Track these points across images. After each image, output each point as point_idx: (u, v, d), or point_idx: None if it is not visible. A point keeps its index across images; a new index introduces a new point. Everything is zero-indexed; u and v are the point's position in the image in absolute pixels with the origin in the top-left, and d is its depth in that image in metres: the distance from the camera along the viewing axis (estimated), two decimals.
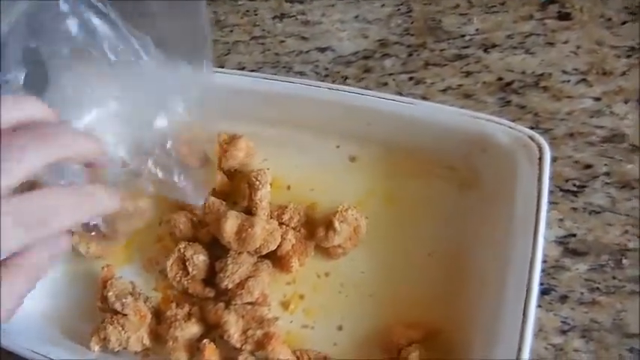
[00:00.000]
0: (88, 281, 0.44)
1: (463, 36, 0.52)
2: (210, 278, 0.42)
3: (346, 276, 0.42)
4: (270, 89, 0.45)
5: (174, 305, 0.41)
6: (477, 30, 0.52)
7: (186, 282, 0.41)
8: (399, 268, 0.41)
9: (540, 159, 0.37)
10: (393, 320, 0.39)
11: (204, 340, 0.38)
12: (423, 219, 0.43)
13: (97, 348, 0.40)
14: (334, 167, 0.46)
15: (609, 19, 0.48)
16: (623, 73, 0.46)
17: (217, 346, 0.38)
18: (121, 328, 0.39)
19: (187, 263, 0.41)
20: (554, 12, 0.50)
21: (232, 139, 0.46)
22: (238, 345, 0.38)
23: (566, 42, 0.49)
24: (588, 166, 0.43)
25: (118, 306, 0.39)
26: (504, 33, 0.51)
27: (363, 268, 0.42)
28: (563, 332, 0.39)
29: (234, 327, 0.38)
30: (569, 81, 0.47)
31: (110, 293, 0.40)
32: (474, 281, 0.38)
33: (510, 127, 0.39)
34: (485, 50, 0.51)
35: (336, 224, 0.40)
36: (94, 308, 0.42)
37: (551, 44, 0.49)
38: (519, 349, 0.31)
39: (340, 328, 0.40)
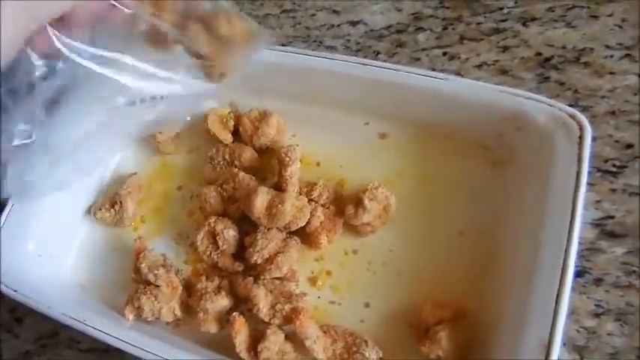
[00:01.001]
0: (122, 253, 0.46)
1: (501, 9, 0.50)
2: (240, 253, 0.42)
3: (374, 253, 0.42)
4: (299, 64, 0.45)
5: (204, 278, 0.41)
6: (515, 2, 0.50)
7: (215, 256, 0.42)
8: (428, 246, 0.41)
9: (581, 138, 0.35)
10: (421, 298, 0.39)
11: (234, 313, 0.39)
12: (454, 197, 0.42)
13: (131, 317, 0.41)
14: (363, 144, 0.45)
15: None
16: None
17: (246, 319, 0.39)
18: (154, 299, 0.40)
19: (217, 237, 0.41)
20: None
21: (264, 116, 0.46)
22: (267, 319, 0.38)
23: (610, 15, 0.46)
24: (629, 146, 0.42)
25: (150, 277, 0.40)
26: (545, 5, 0.49)
27: (392, 246, 0.42)
28: (597, 315, 0.38)
29: (263, 301, 0.38)
30: (612, 56, 0.45)
31: (143, 265, 0.41)
32: (505, 261, 0.38)
33: (549, 105, 0.37)
34: (524, 24, 0.49)
35: (366, 202, 0.40)
36: (129, 279, 0.43)
37: (594, 17, 0.47)
38: (551, 333, 0.31)
39: (367, 305, 0.40)
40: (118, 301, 0.42)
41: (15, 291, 0.40)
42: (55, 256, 0.45)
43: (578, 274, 0.39)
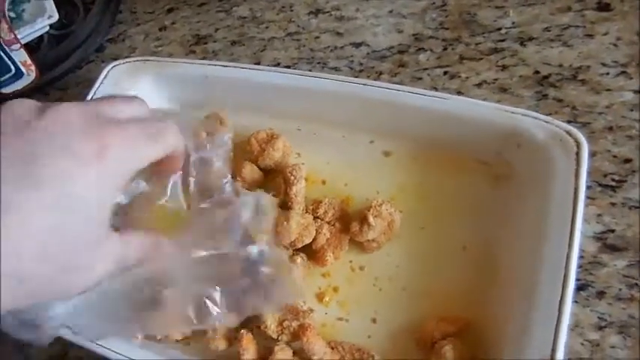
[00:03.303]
0: None
1: (499, 29, 0.52)
2: None
3: (380, 269, 0.42)
4: (303, 85, 0.46)
5: None
6: (513, 23, 0.51)
7: None
8: (433, 261, 0.42)
9: (578, 154, 0.36)
10: (427, 313, 0.39)
11: (242, 331, 0.39)
12: (457, 212, 0.43)
13: (140, 335, 0.41)
14: (368, 162, 0.46)
15: None
16: None
17: (254, 336, 0.40)
18: None
19: None
20: (593, 3, 0.49)
21: (270, 138, 0.47)
22: (275, 336, 0.39)
23: (605, 34, 0.48)
24: (627, 160, 0.42)
25: None
26: (541, 25, 0.50)
27: (398, 262, 0.42)
28: (600, 328, 0.38)
29: (270, 318, 0.39)
30: (608, 74, 0.46)
31: None
32: (507, 275, 0.38)
33: (546, 122, 0.38)
34: (522, 43, 0.50)
35: (371, 219, 0.41)
36: None
37: (590, 36, 0.48)
38: (553, 346, 0.31)
39: (374, 320, 0.41)
40: None
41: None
42: None
43: (581, 287, 0.39)
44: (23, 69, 0.59)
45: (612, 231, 0.41)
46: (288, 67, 0.57)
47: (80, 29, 0.65)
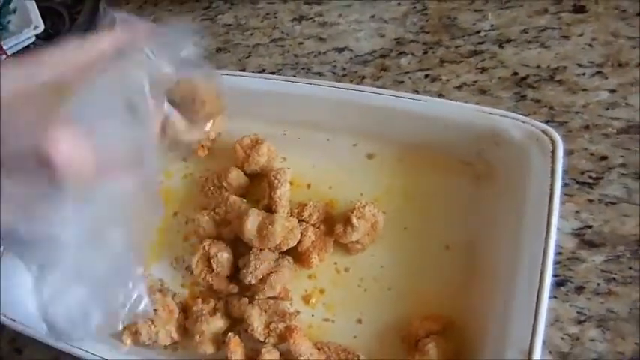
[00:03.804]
0: None
1: (478, 32, 0.53)
2: (234, 274, 0.44)
3: (365, 270, 0.43)
4: (287, 91, 0.47)
5: (200, 301, 0.43)
6: (491, 26, 0.52)
7: (210, 278, 0.43)
8: (416, 261, 0.42)
9: (553, 152, 0.37)
10: (412, 312, 0.40)
11: (229, 334, 0.40)
12: (440, 212, 0.43)
13: (129, 341, 0.42)
14: (352, 165, 0.47)
15: (624, 11, 0.48)
16: (639, 64, 0.46)
17: (241, 339, 0.40)
18: (150, 323, 0.41)
19: (212, 260, 0.43)
20: (569, 5, 0.50)
21: (255, 144, 0.47)
22: (261, 338, 0.39)
23: (581, 35, 0.49)
24: (604, 158, 0.43)
25: None
26: (519, 28, 0.51)
27: (382, 263, 0.43)
28: (579, 322, 0.39)
29: (257, 321, 0.39)
30: (584, 74, 0.47)
31: None
32: (488, 272, 0.39)
33: (523, 122, 0.39)
34: (500, 46, 0.51)
35: (354, 220, 0.41)
36: None
37: (566, 37, 0.49)
38: (531, 341, 0.32)
39: (360, 321, 0.41)
40: None
41: (13, 320, 0.41)
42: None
43: (560, 282, 0.40)
44: None
45: (590, 227, 0.41)
46: (272, 73, 0.58)
47: (66, 39, 0.65)
